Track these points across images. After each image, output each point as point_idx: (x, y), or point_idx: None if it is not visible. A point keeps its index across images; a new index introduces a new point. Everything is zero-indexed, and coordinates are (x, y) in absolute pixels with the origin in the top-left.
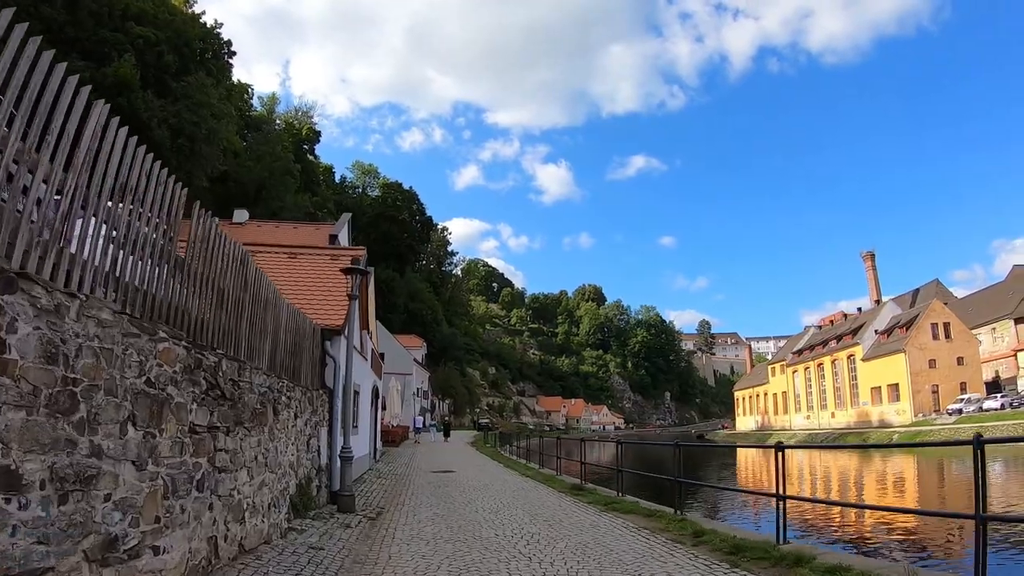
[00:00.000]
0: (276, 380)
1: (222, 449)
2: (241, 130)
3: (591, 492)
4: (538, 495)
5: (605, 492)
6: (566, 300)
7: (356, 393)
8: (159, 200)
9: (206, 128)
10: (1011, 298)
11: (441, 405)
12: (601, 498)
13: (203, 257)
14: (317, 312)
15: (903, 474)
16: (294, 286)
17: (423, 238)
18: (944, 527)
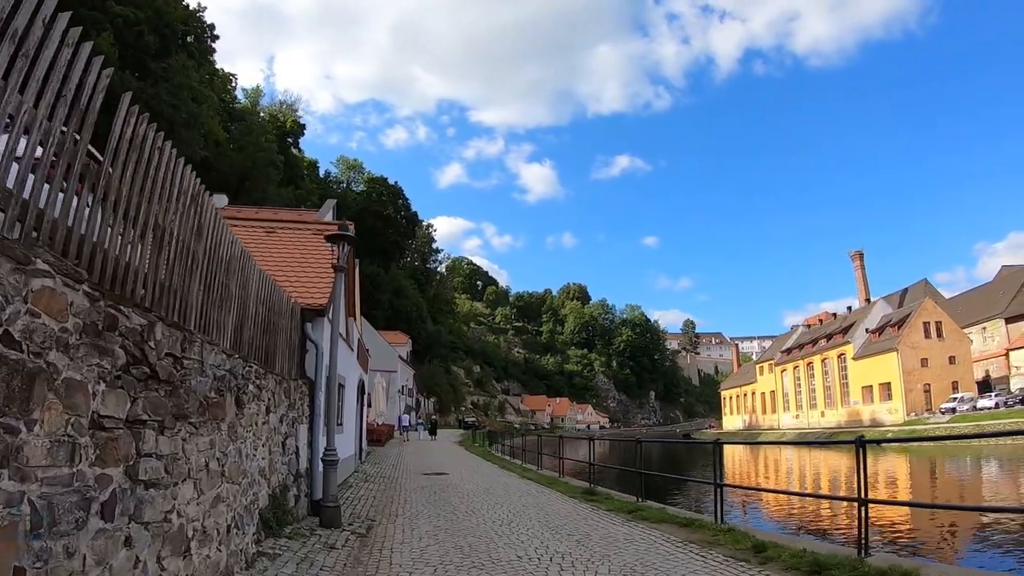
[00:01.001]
0: (242, 364)
1: (151, 454)
2: (224, 121)
3: (606, 497)
4: (548, 501)
5: (622, 497)
6: (551, 299)
7: (341, 386)
8: (61, 71)
9: (186, 112)
10: (1000, 298)
11: (426, 403)
12: (621, 504)
13: (132, 174)
14: (297, 291)
15: (895, 472)
16: (272, 263)
17: (408, 234)
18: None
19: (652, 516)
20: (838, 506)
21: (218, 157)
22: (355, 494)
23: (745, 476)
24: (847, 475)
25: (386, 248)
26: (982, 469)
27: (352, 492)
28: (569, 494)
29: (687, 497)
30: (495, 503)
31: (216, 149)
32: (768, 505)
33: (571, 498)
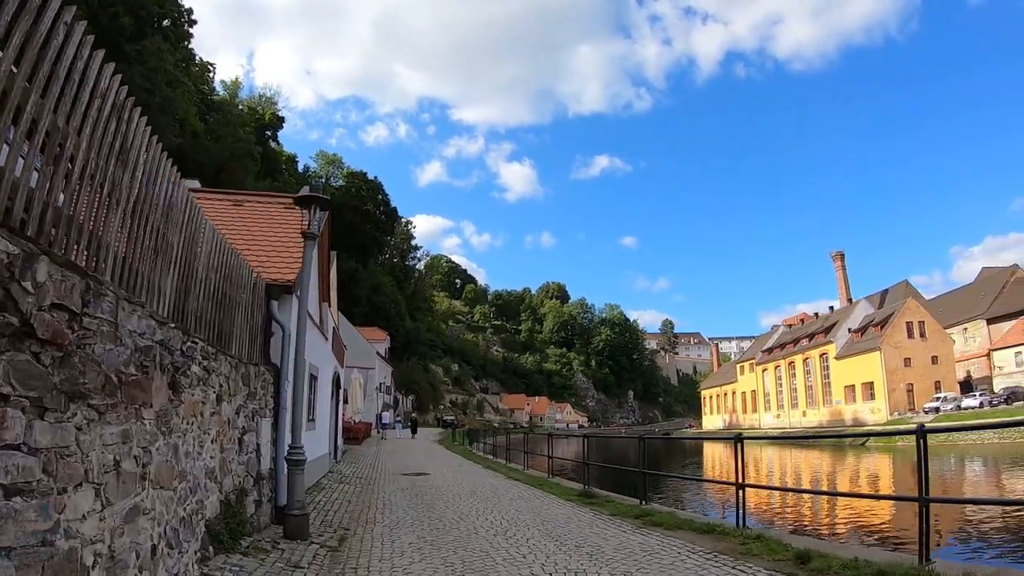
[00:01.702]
0: (181, 336)
1: (16, 446)
2: (202, 112)
3: (606, 500)
4: (543, 505)
5: (622, 499)
6: (529, 297)
7: (314, 377)
8: None
9: (160, 96)
10: (982, 299)
11: (405, 401)
12: (625, 508)
13: (15, 49)
14: (263, 266)
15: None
16: (237, 236)
17: (387, 230)
18: None
19: (664, 521)
20: (831, 503)
21: (195, 147)
22: (328, 497)
23: (730, 474)
24: (833, 473)
25: (365, 244)
26: (966, 467)
27: (325, 495)
28: (564, 497)
29: (666, 495)
30: (485, 507)
31: (193, 140)
32: (750, 503)
33: (567, 501)
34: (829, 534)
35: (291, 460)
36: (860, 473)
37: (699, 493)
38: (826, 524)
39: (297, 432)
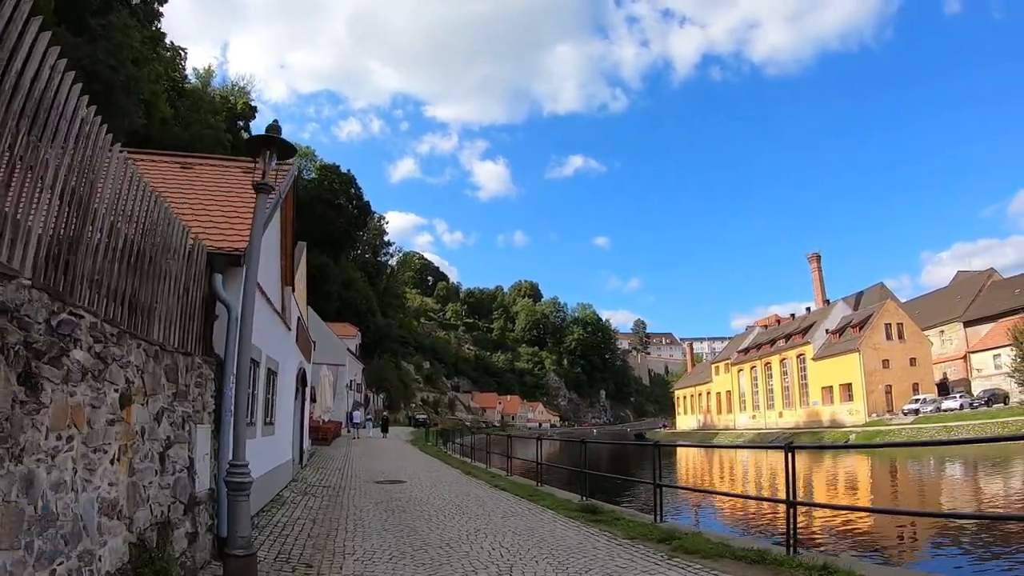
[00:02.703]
0: (50, 304)
1: None
2: (172, 98)
3: (614, 517)
4: (544, 525)
5: (632, 515)
6: (502, 296)
7: (273, 373)
8: None
9: (125, 75)
10: (958, 302)
11: (376, 399)
12: (641, 528)
13: None
14: (209, 234)
15: (856, 474)
16: (183, 204)
17: (360, 224)
18: None
19: (698, 547)
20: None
21: (163, 133)
22: (289, 516)
23: (702, 479)
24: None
25: (336, 238)
26: (946, 471)
27: (285, 512)
28: (563, 512)
29: (636, 498)
30: (476, 529)
31: (161, 126)
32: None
33: (569, 519)
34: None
35: (232, 483)
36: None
37: (684, 500)
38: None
39: (240, 445)
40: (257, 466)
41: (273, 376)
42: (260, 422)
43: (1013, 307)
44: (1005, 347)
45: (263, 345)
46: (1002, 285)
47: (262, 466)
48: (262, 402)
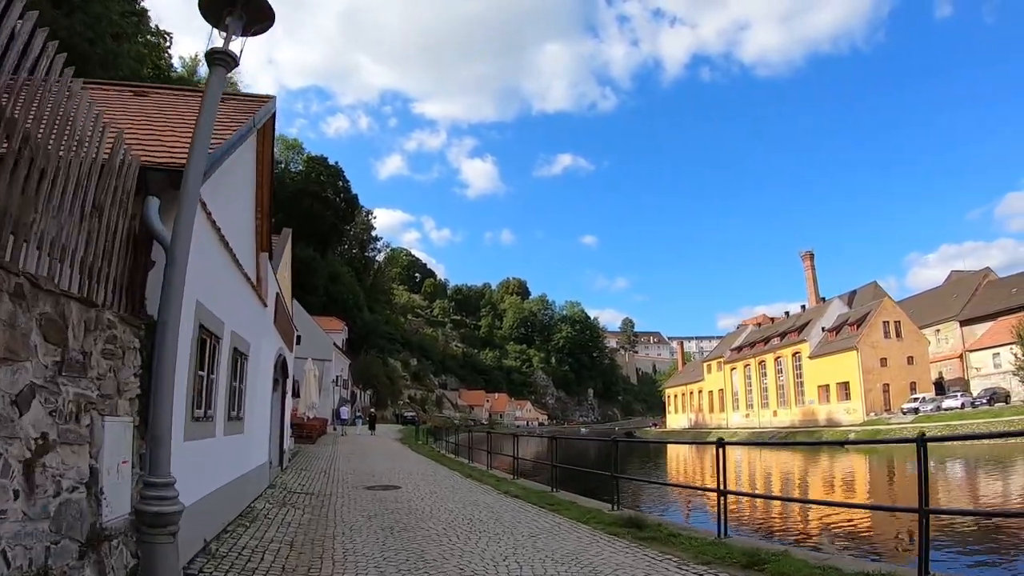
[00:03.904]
0: None
1: None
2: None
3: (663, 531)
4: (587, 546)
5: (687, 529)
6: (489, 293)
7: (241, 355)
8: None
9: (103, 49)
10: (953, 301)
11: (363, 396)
12: (710, 548)
13: None
14: (145, 147)
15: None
16: (130, 123)
17: (347, 217)
18: None
19: (793, 571)
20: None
21: None
22: (260, 536)
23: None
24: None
25: (323, 232)
26: (947, 469)
27: (255, 532)
28: (603, 528)
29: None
30: (504, 557)
31: None
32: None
33: (613, 536)
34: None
35: (146, 514)
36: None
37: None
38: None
39: (161, 453)
40: (219, 474)
41: (241, 359)
42: (221, 416)
43: (1010, 306)
44: (1005, 345)
45: (227, 316)
46: (998, 284)
47: (225, 473)
48: (224, 390)
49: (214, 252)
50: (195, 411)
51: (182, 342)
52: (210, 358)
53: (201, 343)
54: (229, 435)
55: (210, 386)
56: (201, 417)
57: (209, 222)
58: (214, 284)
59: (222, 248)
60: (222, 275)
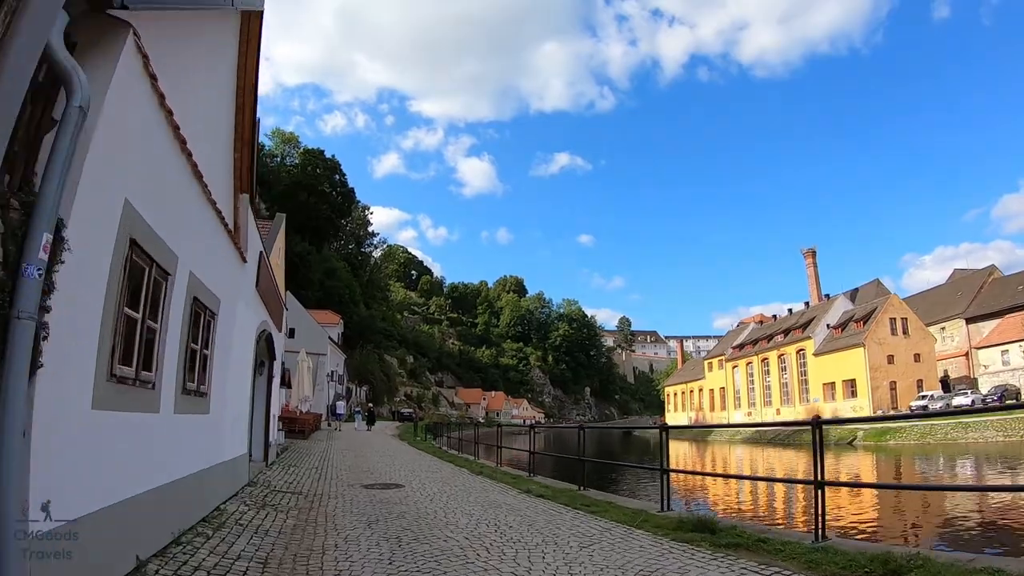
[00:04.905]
0: None
1: None
2: None
3: (743, 536)
4: (656, 558)
5: (762, 531)
6: (486, 291)
7: (207, 310)
8: None
9: None
10: (958, 299)
11: (359, 392)
12: (809, 554)
13: None
14: None
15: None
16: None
17: (343, 211)
18: None
19: None
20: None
21: None
22: (225, 551)
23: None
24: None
25: (319, 226)
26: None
27: (219, 542)
28: (664, 533)
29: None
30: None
31: None
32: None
33: (683, 544)
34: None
35: None
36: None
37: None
38: None
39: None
40: (166, 464)
41: (207, 316)
42: (170, 386)
43: (1018, 303)
44: (1015, 343)
45: (181, 247)
46: (1003, 282)
47: (177, 464)
48: (177, 351)
49: (163, 147)
50: (116, 367)
51: (91, 252)
52: (149, 295)
53: (131, 267)
54: (184, 414)
55: (148, 338)
56: (129, 379)
57: (156, 97)
58: (160, 193)
59: (177, 148)
60: (175, 186)
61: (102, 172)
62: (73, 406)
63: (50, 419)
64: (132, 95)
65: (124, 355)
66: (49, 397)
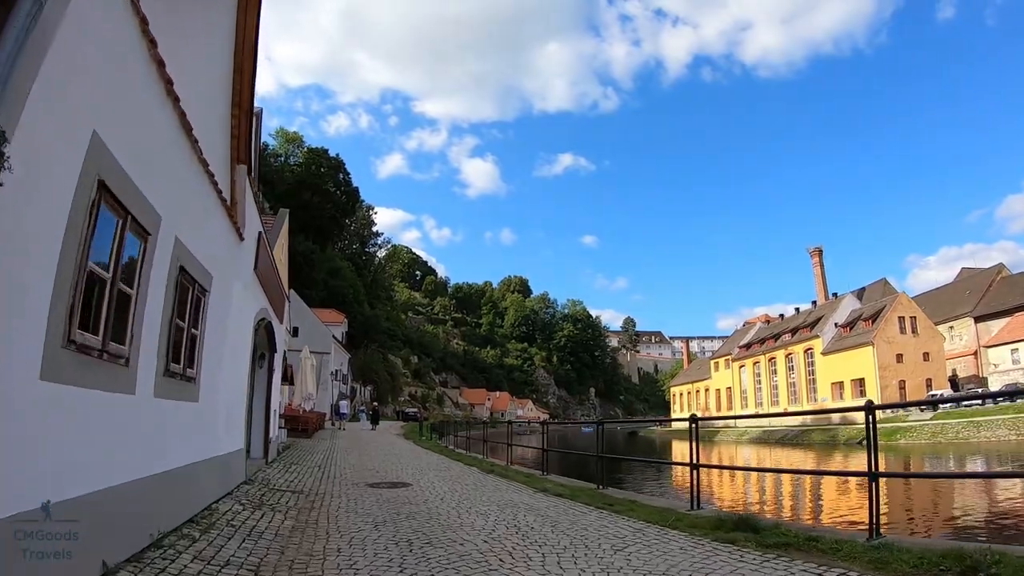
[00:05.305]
0: None
1: None
2: None
3: (790, 535)
4: (703, 562)
5: (805, 529)
6: (491, 291)
7: (195, 284)
8: None
9: None
10: (966, 298)
11: (363, 391)
12: (871, 552)
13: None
14: None
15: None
16: None
17: (348, 210)
18: None
19: None
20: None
21: None
22: (212, 553)
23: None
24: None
25: (323, 225)
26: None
27: (206, 545)
28: (710, 535)
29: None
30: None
31: None
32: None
33: (730, 544)
34: None
35: None
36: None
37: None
38: None
39: None
40: (145, 455)
41: (196, 291)
42: (149, 364)
43: None
44: None
45: (165, 206)
46: (1012, 280)
47: (159, 456)
48: (159, 324)
49: (144, 82)
50: (75, 332)
51: (45, 183)
52: (120, 252)
53: (99, 215)
54: (167, 399)
55: (122, 306)
56: (93, 350)
57: (137, 20)
58: (139, 137)
59: (161, 89)
60: (158, 133)
61: (63, 87)
62: (13, 373)
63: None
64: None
65: (90, 322)
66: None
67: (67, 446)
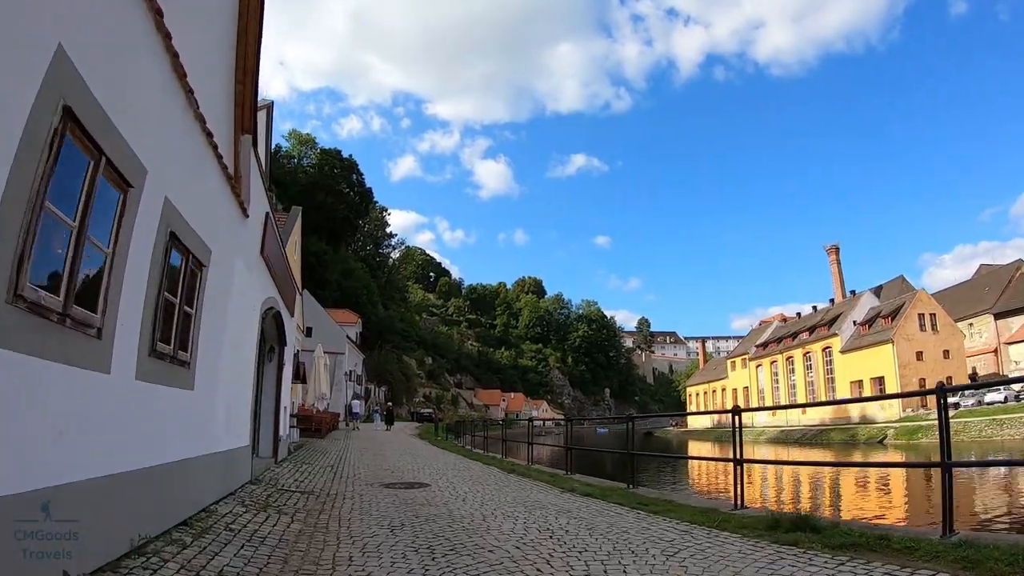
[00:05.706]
0: None
1: None
2: None
3: (853, 535)
4: (769, 566)
5: (876, 528)
6: (505, 292)
7: (190, 258)
8: None
9: None
10: (985, 295)
11: (377, 392)
12: (987, 554)
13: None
14: None
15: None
16: None
17: (360, 211)
18: None
19: None
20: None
21: None
22: (203, 562)
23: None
24: None
25: (336, 226)
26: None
27: (196, 552)
28: (765, 536)
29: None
30: None
31: None
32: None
33: (792, 546)
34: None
35: None
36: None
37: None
38: None
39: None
40: (124, 446)
41: (192, 265)
42: (131, 342)
43: None
44: None
45: (156, 165)
46: None
47: (142, 449)
48: (141, 293)
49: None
50: (26, 286)
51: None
52: (91, 200)
53: (64, 148)
54: (153, 383)
55: (93, 265)
56: (53, 312)
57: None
58: (119, 71)
59: (151, 21)
60: (145, 75)
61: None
62: None
63: None
64: None
65: (45, 277)
66: None
67: (13, 427)
